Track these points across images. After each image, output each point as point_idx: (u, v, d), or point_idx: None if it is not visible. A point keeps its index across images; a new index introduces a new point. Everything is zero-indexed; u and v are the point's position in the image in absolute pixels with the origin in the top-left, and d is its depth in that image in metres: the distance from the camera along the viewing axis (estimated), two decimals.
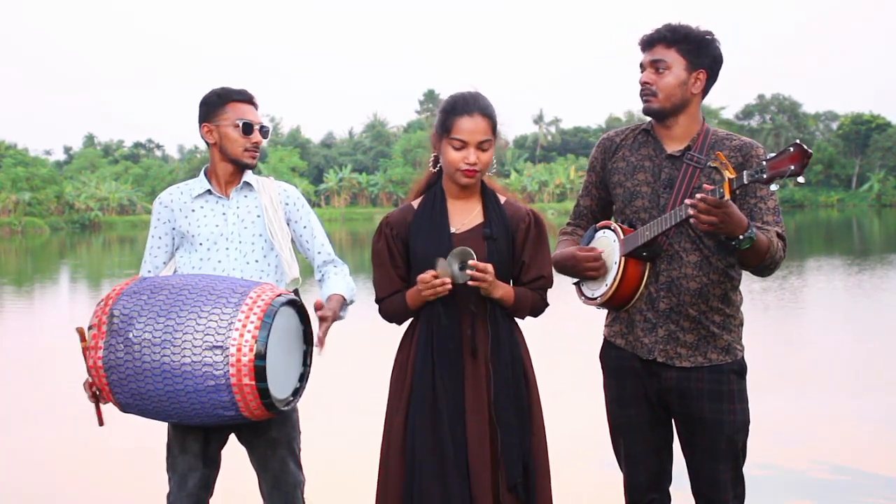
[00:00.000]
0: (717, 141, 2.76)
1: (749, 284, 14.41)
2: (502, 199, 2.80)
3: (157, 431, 3.03)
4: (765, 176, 2.41)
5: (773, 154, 2.43)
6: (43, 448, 6.05)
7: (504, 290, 2.68)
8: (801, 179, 2.40)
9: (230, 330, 2.65)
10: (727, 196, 2.46)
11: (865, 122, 77.70)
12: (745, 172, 2.45)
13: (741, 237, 2.53)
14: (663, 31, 2.76)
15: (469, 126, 2.67)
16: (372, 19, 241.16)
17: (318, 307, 2.92)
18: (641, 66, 2.79)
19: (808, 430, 5.95)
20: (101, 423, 2.91)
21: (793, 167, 2.38)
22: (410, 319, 2.81)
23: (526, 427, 2.68)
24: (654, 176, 2.79)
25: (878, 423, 6.09)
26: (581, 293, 2.91)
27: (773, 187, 2.45)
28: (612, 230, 2.81)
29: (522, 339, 2.79)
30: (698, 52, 2.74)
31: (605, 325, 2.95)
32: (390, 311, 2.79)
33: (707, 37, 2.76)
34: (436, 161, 2.80)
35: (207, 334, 2.65)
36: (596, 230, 2.90)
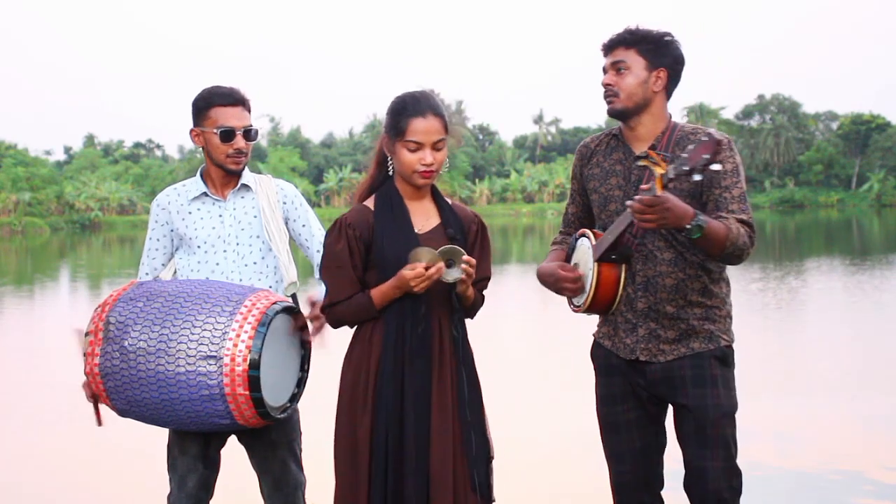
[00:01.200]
0: (683, 136, 2.79)
1: (747, 285, 14.40)
2: (449, 202, 2.81)
3: (158, 431, 3.03)
4: (686, 168, 2.44)
5: (691, 146, 2.47)
6: (44, 448, 6.06)
7: (472, 289, 2.72)
8: (715, 167, 2.43)
9: (224, 339, 2.64)
10: (659, 192, 2.48)
11: (865, 122, 77.67)
12: (670, 167, 2.48)
13: (688, 227, 2.55)
14: (623, 33, 2.80)
15: (423, 127, 2.64)
16: (372, 19, 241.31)
17: (311, 302, 2.91)
18: (604, 69, 2.83)
19: (805, 430, 5.95)
20: (99, 423, 2.91)
21: (706, 156, 2.41)
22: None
23: (480, 427, 2.69)
24: (626, 179, 2.83)
25: (876, 424, 6.09)
26: (570, 303, 2.95)
27: (696, 177, 2.45)
28: (587, 237, 2.85)
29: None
30: (657, 51, 2.79)
31: (597, 326, 2.98)
32: (347, 313, 2.69)
33: (666, 37, 2.81)
34: (383, 161, 2.77)
35: (202, 344, 2.64)
36: (577, 238, 2.93)
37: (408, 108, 2.67)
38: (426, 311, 2.66)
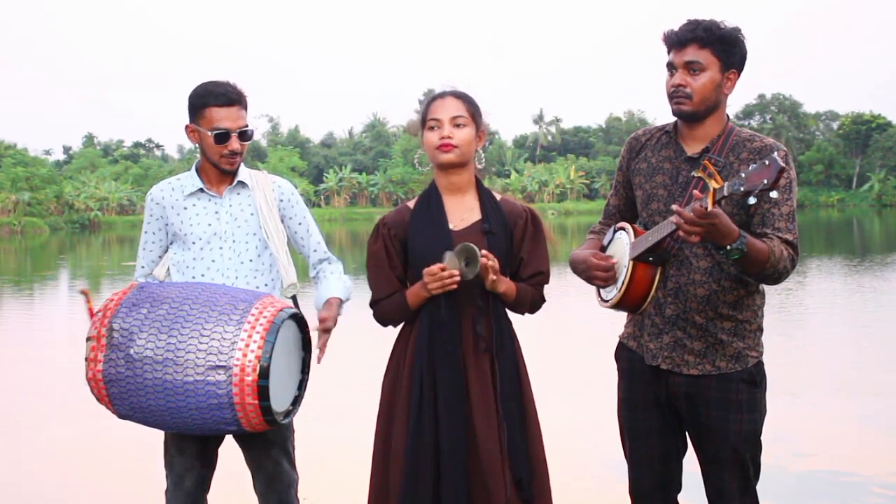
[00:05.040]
0: (739, 142, 2.67)
1: None
2: (498, 197, 2.82)
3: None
4: (742, 189, 2.31)
5: (754, 165, 2.33)
6: (47, 447, 6.04)
7: (507, 285, 2.70)
8: (773, 195, 2.29)
9: (233, 349, 2.62)
10: (711, 207, 2.36)
11: (866, 122, 77.76)
12: (726, 184, 2.35)
13: (728, 248, 2.44)
14: (698, 30, 2.63)
15: (440, 106, 2.75)
16: (372, 19, 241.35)
17: (322, 320, 2.90)
18: (671, 66, 2.67)
19: (804, 431, 5.93)
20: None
21: (765, 181, 2.27)
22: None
23: (524, 422, 2.68)
24: (672, 178, 2.73)
25: (876, 424, 6.07)
26: (598, 295, 2.88)
27: (751, 200, 2.32)
28: (627, 232, 2.76)
29: (516, 335, 2.79)
30: (731, 51, 2.65)
31: (624, 326, 2.92)
32: (388, 311, 2.77)
33: (739, 35, 2.66)
34: (423, 159, 2.83)
35: (210, 353, 2.62)
36: (615, 231, 2.85)
37: (431, 96, 2.80)
38: (455, 308, 2.66)
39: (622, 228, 2.80)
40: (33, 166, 71.61)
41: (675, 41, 2.66)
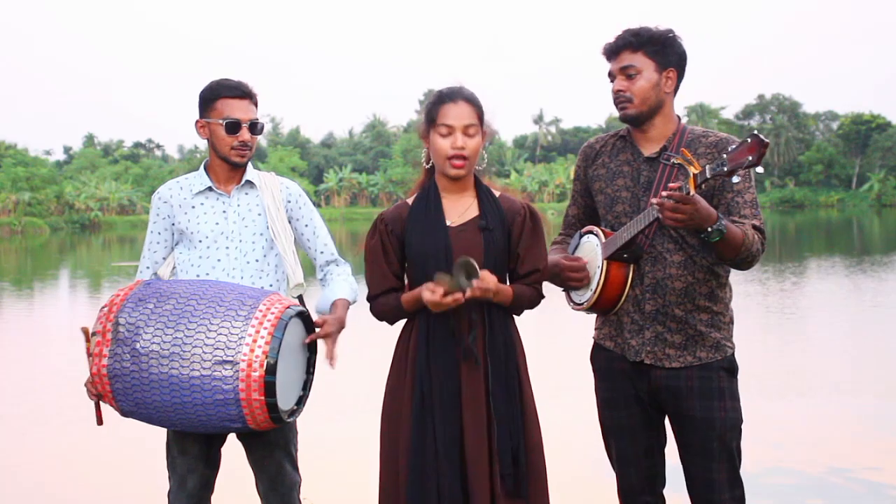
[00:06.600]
0: (694, 139, 2.77)
1: (746, 286, 14.37)
2: (497, 194, 2.82)
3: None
4: (725, 168, 2.40)
5: (733, 146, 2.43)
6: (47, 447, 6.05)
7: (503, 293, 2.69)
8: (759, 170, 2.39)
9: (240, 345, 2.62)
10: (692, 191, 2.46)
11: (865, 122, 77.75)
12: (707, 167, 2.45)
13: (710, 230, 2.53)
14: (626, 36, 2.76)
15: (453, 111, 2.71)
16: (372, 19, 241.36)
17: (320, 324, 2.88)
18: (611, 74, 2.80)
19: (804, 431, 5.94)
20: (100, 422, 2.88)
21: (750, 158, 2.37)
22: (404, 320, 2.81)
23: (518, 421, 2.68)
24: (634, 180, 2.81)
25: (875, 424, 6.08)
26: (570, 299, 2.92)
27: (735, 179, 2.42)
28: (595, 234, 2.82)
29: (518, 335, 2.79)
30: (664, 51, 2.75)
31: (595, 328, 2.96)
32: (384, 309, 2.78)
33: (669, 35, 2.77)
34: (428, 157, 2.81)
35: (217, 348, 2.62)
36: (581, 236, 2.92)
37: (442, 96, 2.75)
38: (449, 316, 2.66)
39: (589, 232, 2.86)
40: (34, 166, 71.58)
41: (610, 50, 2.80)
